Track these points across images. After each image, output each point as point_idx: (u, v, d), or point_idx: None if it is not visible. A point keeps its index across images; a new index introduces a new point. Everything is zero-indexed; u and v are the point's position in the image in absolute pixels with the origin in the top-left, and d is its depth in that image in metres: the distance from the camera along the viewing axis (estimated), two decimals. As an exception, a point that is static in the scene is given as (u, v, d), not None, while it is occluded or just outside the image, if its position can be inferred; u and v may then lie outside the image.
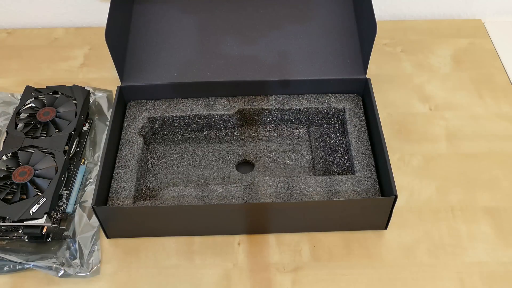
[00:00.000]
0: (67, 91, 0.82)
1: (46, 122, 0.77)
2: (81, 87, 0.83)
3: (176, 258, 0.69)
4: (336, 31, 0.84)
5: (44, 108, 0.78)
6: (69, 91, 0.82)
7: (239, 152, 0.81)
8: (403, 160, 0.80)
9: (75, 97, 0.81)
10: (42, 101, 0.80)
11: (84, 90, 0.82)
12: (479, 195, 0.75)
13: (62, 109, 0.79)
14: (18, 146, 0.73)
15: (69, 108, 0.79)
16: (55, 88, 0.82)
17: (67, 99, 0.80)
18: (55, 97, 0.81)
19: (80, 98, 0.81)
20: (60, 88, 0.82)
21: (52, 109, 0.78)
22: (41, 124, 0.77)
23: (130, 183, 0.72)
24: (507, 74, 0.92)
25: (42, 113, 0.78)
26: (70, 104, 0.80)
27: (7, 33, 1.02)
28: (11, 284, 0.67)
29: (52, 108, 0.79)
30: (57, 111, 0.78)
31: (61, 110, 0.79)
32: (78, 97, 0.81)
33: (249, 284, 0.67)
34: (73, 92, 0.82)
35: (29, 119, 0.78)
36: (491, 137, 0.82)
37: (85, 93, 0.82)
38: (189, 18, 0.86)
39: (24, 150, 0.74)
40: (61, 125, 0.77)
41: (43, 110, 0.78)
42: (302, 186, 0.71)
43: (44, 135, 0.76)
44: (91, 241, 0.70)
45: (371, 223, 0.71)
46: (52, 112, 0.78)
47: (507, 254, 0.69)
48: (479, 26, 1.02)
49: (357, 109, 0.80)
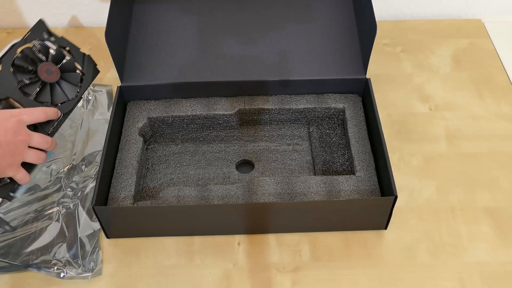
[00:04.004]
0: (78, 56, 0.72)
1: (45, 83, 0.68)
2: (94, 63, 0.74)
3: (176, 258, 0.69)
4: (336, 31, 0.84)
5: (48, 64, 0.68)
6: (80, 58, 0.72)
7: (239, 152, 0.81)
8: (403, 160, 0.80)
9: (85, 70, 0.72)
10: (47, 49, 0.69)
11: (95, 69, 0.73)
12: (479, 195, 0.75)
13: (66, 78, 0.70)
14: (5, 96, 0.65)
15: (73, 80, 0.71)
16: (69, 45, 0.71)
17: (74, 67, 0.71)
18: (63, 54, 0.71)
19: (88, 75, 0.72)
20: (73, 49, 0.72)
21: (57, 70, 0.69)
22: (38, 80, 0.68)
23: (130, 183, 0.72)
24: (507, 74, 0.92)
25: (45, 69, 0.68)
26: (75, 77, 0.71)
27: (7, 33, 1.02)
28: (11, 284, 0.67)
29: (57, 69, 0.69)
30: (61, 78, 0.69)
31: (66, 78, 0.70)
32: (87, 72, 0.72)
33: (249, 284, 0.67)
34: (84, 62, 0.72)
35: (27, 65, 0.67)
36: (491, 137, 0.82)
37: (96, 72, 0.74)
38: (189, 18, 0.86)
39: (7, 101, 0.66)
40: (57, 96, 0.69)
41: (46, 65, 0.68)
42: (302, 186, 0.71)
43: (35, 94, 0.67)
44: (92, 241, 0.70)
45: (371, 223, 0.71)
46: (56, 75, 0.69)
47: (507, 254, 0.69)
48: (479, 26, 1.02)
49: (357, 109, 0.80)
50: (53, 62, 0.69)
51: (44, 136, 0.64)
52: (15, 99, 0.66)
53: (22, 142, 0.61)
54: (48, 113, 0.65)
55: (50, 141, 0.65)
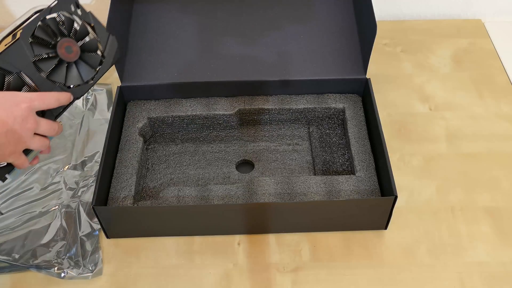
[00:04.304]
0: (102, 36, 0.65)
1: (62, 60, 0.62)
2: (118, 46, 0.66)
3: (176, 258, 0.69)
4: (336, 31, 0.84)
5: (69, 40, 0.62)
6: (104, 39, 0.65)
7: (239, 152, 0.81)
8: (403, 160, 0.80)
9: (106, 53, 0.65)
10: (71, 23, 0.62)
11: (118, 52, 0.66)
12: (479, 195, 0.75)
13: (85, 58, 0.64)
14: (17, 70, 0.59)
15: (92, 62, 0.64)
16: (94, 22, 0.64)
17: (96, 48, 0.64)
18: (87, 31, 0.64)
19: (109, 58, 0.65)
20: (98, 28, 0.65)
21: (77, 49, 0.62)
22: (55, 56, 0.61)
23: (130, 183, 0.72)
24: (507, 74, 0.92)
25: (65, 45, 0.61)
26: (95, 59, 0.64)
27: (7, 33, 1.02)
28: (11, 284, 0.67)
29: (78, 48, 0.62)
30: (80, 57, 0.63)
31: (84, 58, 0.64)
32: (109, 55, 0.65)
33: (249, 284, 0.67)
34: (107, 44, 0.65)
35: (47, 38, 0.61)
36: (491, 137, 0.82)
37: (117, 56, 0.67)
38: (189, 18, 0.86)
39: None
40: (71, 77, 0.63)
41: (67, 42, 0.62)
42: (302, 186, 0.71)
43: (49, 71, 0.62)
44: (92, 241, 0.70)
45: (371, 223, 0.71)
46: (75, 54, 0.62)
47: (507, 254, 0.69)
48: (479, 26, 1.02)
49: (357, 109, 0.80)
50: (75, 39, 0.63)
51: (51, 123, 0.60)
52: (27, 74, 0.60)
53: (28, 131, 0.57)
54: (60, 99, 0.60)
55: (57, 128, 0.61)
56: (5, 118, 0.53)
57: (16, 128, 0.55)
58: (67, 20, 0.62)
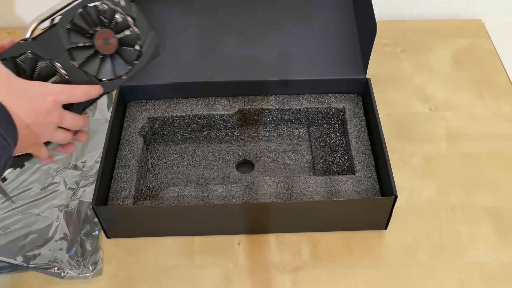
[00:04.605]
0: (143, 31, 0.61)
1: (97, 52, 0.59)
2: (157, 44, 0.63)
3: (176, 258, 0.69)
4: (336, 31, 0.84)
5: (108, 32, 0.59)
6: (144, 34, 0.61)
7: (239, 152, 0.81)
8: (403, 160, 0.80)
9: (144, 49, 0.62)
10: (113, 14, 0.59)
11: (156, 51, 0.63)
12: (479, 195, 0.75)
13: (122, 52, 0.60)
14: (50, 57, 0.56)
15: (128, 57, 0.61)
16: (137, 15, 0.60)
17: (135, 43, 0.61)
18: (128, 25, 0.60)
19: (146, 56, 0.62)
20: (140, 22, 0.61)
21: (115, 42, 0.59)
22: (91, 46, 0.58)
23: (130, 183, 0.72)
24: (507, 74, 0.92)
25: (103, 36, 0.59)
26: (132, 54, 0.61)
27: (7, 33, 1.02)
28: (11, 284, 0.67)
29: (116, 41, 0.59)
30: (116, 51, 0.60)
31: (121, 52, 0.60)
32: (146, 52, 0.62)
33: (249, 284, 0.67)
34: (146, 40, 0.62)
35: (86, 27, 0.58)
36: (491, 137, 0.82)
37: (155, 55, 0.63)
38: (189, 18, 0.86)
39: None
40: (105, 70, 0.60)
41: (106, 33, 0.59)
42: (302, 186, 0.71)
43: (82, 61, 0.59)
44: (92, 241, 0.70)
45: (371, 223, 0.71)
46: (112, 47, 0.59)
47: (507, 254, 0.69)
48: (479, 26, 1.02)
49: (357, 109, 0.80)
50: (114, 31, 0.59)
51: (77, 117, 0.57)
52: (60, 62, 0.57)
53: (51, 124, 0.54)
54: (90, 93, 0.57)
55: (82, 122, 0.58)
56: (29, 110, 0.51)
57: (39, 121, 0.52)
58: (109, 10, 0.58)
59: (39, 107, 0.52)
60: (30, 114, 0.51)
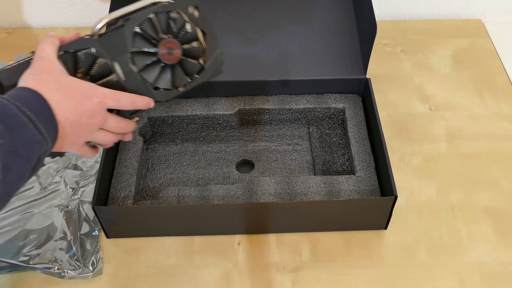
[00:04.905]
0: (211, 47, 0.60)
1: (158, 60, 0.57)
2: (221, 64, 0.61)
3: (176, 258, 0.69)
4: (336, 31, 0.84)
5: (174, 42, 0.57)
6: (212, 50, 0.60)
7: (239, 152, 0.81)
8: (403, 160, 0.80)
9: (207, 65, 0.60)
10: (183, 25, 0.58)
11: (219, 69, 0.61)
12: (479, 195, 0.75)
13: (183, 63, 0.59)
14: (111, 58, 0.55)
15: (189, 69, 0.59)
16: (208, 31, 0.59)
17: (199, 56, 0.60)
18: (196, 37, 0.59)
19: (208, 72, 0.60)
20: (210, 38, 0.60)
21: (179, 54, 0.58)
22: (154, 53, 0.57)
23: (130, 183, 0.72)
24: (507, 74, 0.92)
25: (168, 45, 0.57)
26: (193, 67, 0.59)
27: (7, 33, 1.02)
28: (11, 284, 0.67)
29: (181, 52, 0.58)
30: (179, 61, 0.58)
31: (182, 64, 0.59)
32: (209, 69, 0.60)
33: (249, 284, 0.67)
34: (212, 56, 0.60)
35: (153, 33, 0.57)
36: (491, 137, 0.82)
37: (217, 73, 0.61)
38: (189, 18, 0.86)
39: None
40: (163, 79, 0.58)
41: (172, 43, 0.57)
42: (302, 186, 0.71)
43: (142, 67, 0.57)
44: (92, 241, 0.70)
45: (371, 223, 0.71)
46: (174, 58, 0.58)
47: (507, 254, 0.69)
48: (479, 26, 1.02)
49: (357, 109, 0.80)
50: (180, 41, 0.58)
51: (121, 121, 0.56)
52: (119, 63, 0.56)
53: (94, 126, 0.53)
54: (136, 104, 0.56)
55: (125, 126, 0.57)
56: (74, 109, 0.51)
57: (82, 121, 0.52)
58: (180, 20, 0.58)
59: (84, 107, 0.52)
60: (75, 112, 0.51)
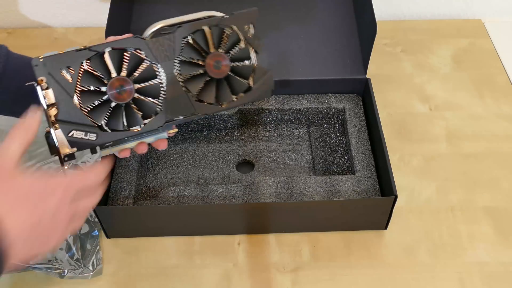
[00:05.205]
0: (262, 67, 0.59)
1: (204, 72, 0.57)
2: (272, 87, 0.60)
3: (176, 258, 0.69)
4: (336, 31, 0.84)
5: (223, 56, 0.57)
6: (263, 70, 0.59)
7: (239, 152, 0.81)
8: (403, 160, 0.80)
9: (255, 85, 0.59)
10: (237, 43, 0.58)
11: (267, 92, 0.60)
12: (479, 195, 0.75)
13: (230, 80, 0.58)
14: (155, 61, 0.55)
15: (236, 87, 0.58)
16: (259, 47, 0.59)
17: (248, 75, 0.59)
18: (248, 56, 0.58)
19: (254, 93, 0.59)
20: (263, 58, 0.59)
21: (227, 69, 0.57)
22: (200, 65, 0.57)
23: (130, 183, 0.72)
24: (507, 74, 0.92)
25: (215, 59, 0.56)
26: (240, 85, 0.58)
27: (7, 33, 1.02)
28: (11, 284, 0.67)
29: (227, 69, 0.57)
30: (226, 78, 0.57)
31: (229, 80, 0.58)
32: (256, 89, 0.59)
33: (249, 284, 0.67)
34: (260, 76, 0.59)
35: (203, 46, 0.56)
36: (491, 137, 0.82)
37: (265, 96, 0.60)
38: (189, 18, 0.86)
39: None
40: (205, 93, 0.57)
41: (220, 57, 0.56)
42: (302, 186, 0.71)
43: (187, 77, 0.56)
44: (92, 241, 0.70)
45: (371, 223, 0.71)
46: (221, 73, 0.57)
47: (507, 254, 0.69)
48: (479, 26, 1.02)
49: (357, 109, 0.80)
50: (230, 57, 0.57)
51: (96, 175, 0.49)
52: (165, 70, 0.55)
53: (62, 221, 0.46)
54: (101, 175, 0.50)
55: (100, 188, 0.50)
56: (28, 218, 0.43)
57: (45, 224, 0.44)
58: (233, 36, 0.57)
59: (44, 208, 0.44)
60: (30, 222, 0.43)
